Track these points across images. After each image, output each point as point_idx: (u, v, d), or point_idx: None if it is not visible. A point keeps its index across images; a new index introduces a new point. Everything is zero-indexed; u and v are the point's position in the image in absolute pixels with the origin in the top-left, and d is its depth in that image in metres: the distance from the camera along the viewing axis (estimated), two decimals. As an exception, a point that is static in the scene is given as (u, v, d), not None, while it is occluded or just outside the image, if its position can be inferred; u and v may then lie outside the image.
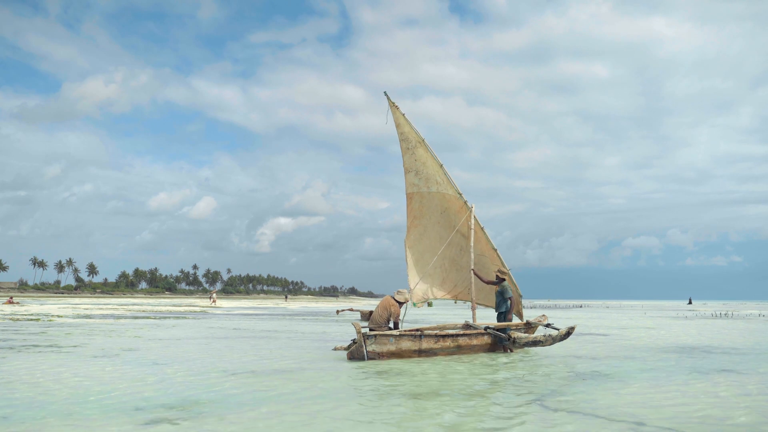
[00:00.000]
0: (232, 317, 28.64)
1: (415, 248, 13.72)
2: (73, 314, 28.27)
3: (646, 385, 7.58)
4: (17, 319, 22.84)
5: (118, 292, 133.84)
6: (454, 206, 13.22)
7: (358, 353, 9.85)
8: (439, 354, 10.40)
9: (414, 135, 12.98)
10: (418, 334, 10.19)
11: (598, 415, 5.75)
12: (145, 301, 75.89)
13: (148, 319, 24.43)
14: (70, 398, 6.34)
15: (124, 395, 6.54)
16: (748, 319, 31.28)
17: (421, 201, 13.48)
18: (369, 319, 11.35)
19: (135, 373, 8.29)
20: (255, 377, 8.01)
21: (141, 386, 7.14)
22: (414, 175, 13.33)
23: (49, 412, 5.67)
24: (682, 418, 5.65)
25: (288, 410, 5.83)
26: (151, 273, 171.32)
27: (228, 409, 5.87)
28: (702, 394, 7.02)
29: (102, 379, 7.71)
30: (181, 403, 6.13)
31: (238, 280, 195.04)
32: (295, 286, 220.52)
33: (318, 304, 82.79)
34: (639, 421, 5.51)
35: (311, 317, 30.26)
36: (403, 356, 10.01)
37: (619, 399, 6.61)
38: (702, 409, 6.11)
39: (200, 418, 5.43)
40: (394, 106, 12.95)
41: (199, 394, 6.63)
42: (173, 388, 7.01)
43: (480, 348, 11.07)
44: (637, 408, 6.10)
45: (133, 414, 5.59)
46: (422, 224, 13.65)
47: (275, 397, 6.55)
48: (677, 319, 29.81)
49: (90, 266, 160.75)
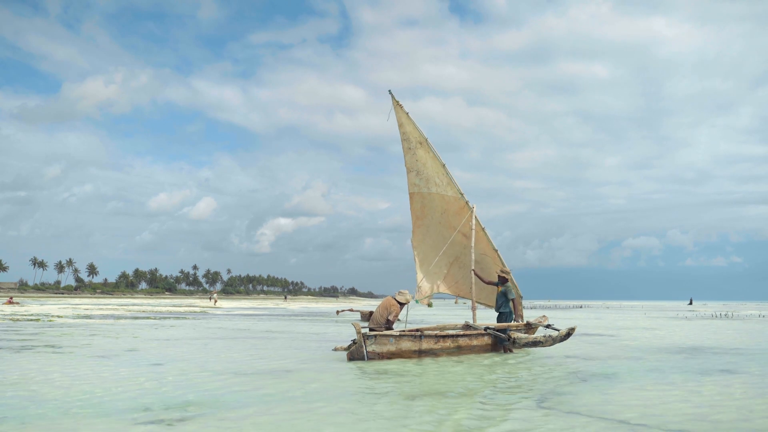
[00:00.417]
0: (232, 318, 28.63)
1: (420, 248, 13.76)
2: (73, 315, 28.26)
3: (646, 386, 7.57)
4: (17, 319, 22.84)
5: (118, 293, 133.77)
6: (454, 207, 13.21)
7: (358, 353, 9.84)
8: (439, 354, 10.39)
9: (416, 135, 12.96)
10: (418, 334, 10.18)
11: (597, 415, 5.74)
12: (145, 301, 75.88)
13: (148, 320, 24.42)
14: (69, 398, 6.33)
15: (124, 395, 6.54)
16: (747, 319, 31.27)
17: (423, 201, 13.50)
18: (369, 320, 11.35)
19: (134, 373, 8.28)
20: (254, 378, 8.00)
21: (140, 387, 7.13)
22: (415, 175, 13.34)
23: (48, 412, 5.67)
24: (681, 419, 5.63)
25: (287, 411, 5.82)
26: (151, 273, 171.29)
27: (227, 409, 5.87)
28: (701, 394, 7.01)
29: (101, 379, 7.70)
30: (180, 403, 6.12)
31: (238, 280, 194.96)
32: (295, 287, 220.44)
33: (318, 304, 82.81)
34: (638, 421, 5.50)
35: (311, 318, 30.25)
36: (403, 357, 10.00)
37: (618, 399, 6.60)
38: (701, 409, 6.10)
39: (199, 419, 5.43)
40: (399, 105, 12.94)
41: (198, 395, 6.63)
42: (172, 389, 7.01)
43: (480, 348, 11.06)
44: (636, 409, 6.09)
45: (133, 414, 5.58)
46: (425, 224, 13.68)
47: (274, 397, 6.54)
48: (677, 320, 29.80)
49: (90, 267, 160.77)
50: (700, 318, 32.94)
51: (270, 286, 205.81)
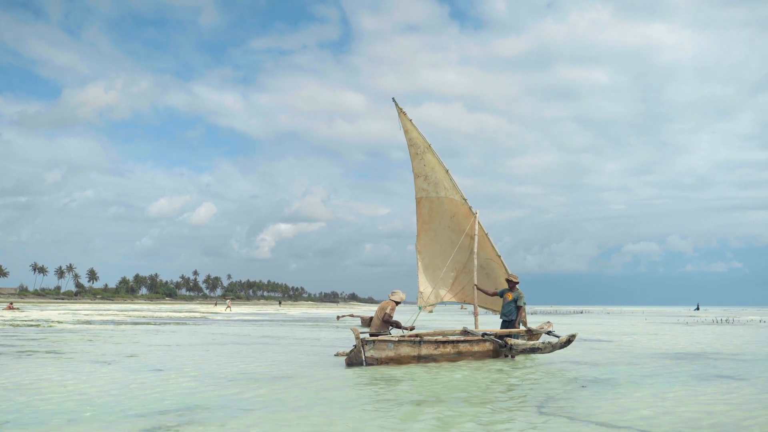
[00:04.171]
0: (232, 323, 28.60)
1: (425, 252, 13.77)
2: (74, 320, 28.24)
3: (646, 392, 7.56)
4: (17, 324, 22.82)
5: (118, 298, 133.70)
6: (462, 211, 13.30)
7: (356, 359, 9.81)
8: (438, 360, 10.36)
9: (422, 141, 13.06)
10: (417, 340, 10.16)
11: (597, 421, 5.74)
12: (145, 307, 75.77)
13: (148, 325, 24.40)
14: (69, 404, 6.33)
15: (123, 401, 6.54)
16: (748, 325, 31.22)
17: (431, 206, 13.54)
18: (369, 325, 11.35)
19: (134, 379, 8.28)
20: (253, 383, 8.00)
21: (140, 392, 7.13)
22: (423, 179, 13.40)
23: (48, 418, 5.67)
24: (682, 425, 5.63)
25: (285, 416, 5.82)
26: (151, 279, 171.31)
27: (226, 415, 5.87)
28: (702, 400, 7.00)
29: (101, 385, 7.69)
30: (180, 409, 6.13)
31: (239, 286, 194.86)
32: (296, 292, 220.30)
33: (318, 310, 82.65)
34: (638, 428, 5.50)
35: (311, 323, 30.22)
36: (402, 362, 9.97)
37: (618, 406, 6.59)
38: (701, 415, 6.10)
39: (199, 425, 5.43)
40: (402, 112, 13.04)
41: (197, 401, 6.63)
42: (172, 395, 7.00)
43: (481, 354, 11.02)
44: (636, 415, 6.08)
45: (132, 420, 5.59)
46: (432, 228, 13.71)
47: (273, 403, 6.54)
48: (677, 326, 29.75)
49: (90, 272, 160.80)
50: (700, 324, 32.88)
51: (270, 292, 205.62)
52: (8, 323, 23.76)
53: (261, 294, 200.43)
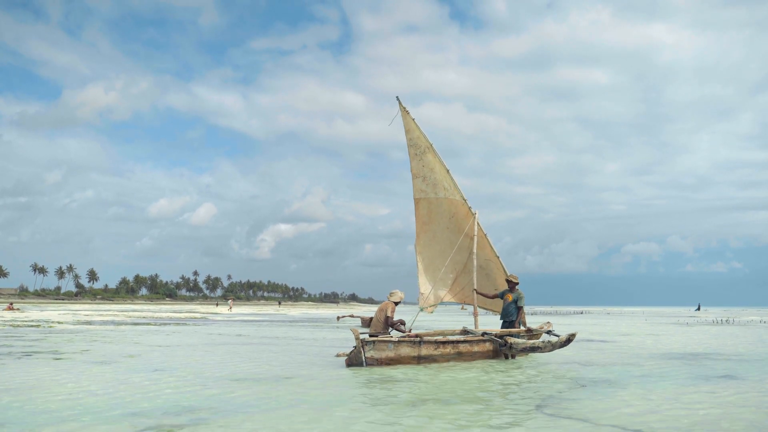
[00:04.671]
0: (232, 324, 28.60)
1: (425, 253, 13.76)
2: (74, 321, 28.25)
3: (646, 392, 7.57)
4: (18, 325, 22.83)
5: (118, 299, 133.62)
6: (462, 211, 13.30)
7: (356, 359, 9.81)
8: (438, 360, 10.37)
9: (423, 140, 13.07)
10: (417, 340, 10.16)
11: (597, 421, 5.75)
12: (145, 307, 75.75)
13: (149, 326, 24.41)
14: (69, 405, 6.35)
15: (123, 402, 6.55)
16: (748, 325, 31.22)
17: (429, 206, 13.53)
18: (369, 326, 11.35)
19: (134, 379, 8.29)
20: (253, 384, 8.01)
21: (140, 393, 7.15)
22: (421, 180, 13.39)
23: (48, 418, 5.68)
24: (681, 425, 5.64)
25: (285, 417, 5.83)
26: (151, 279, 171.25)
27: (227, 415, 5.88)
28: (701, 400, 7.01)
29: (101, 385, 7.71)
30: (180, 409, 6.14)
31: (239, 286, 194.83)
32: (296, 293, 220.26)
33: (318, 310, 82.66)
34: (637, 427, 5.51)
35: (311, 324, 30.23)
36: (402, 362, 9.98)
37: (618, 405, 6.60)
38: (701, 415, 6.11)
39: (200, 425, 5.44)
40: (405, 111, 13.05)
41: (197, 401, 6.64)
42: (172, 395, 7.02)
43: (481, 354, 11.02)
44: (636, 415, 6.10)
45: (132, 420, 5.60)
46: (431, 229, 13.69)
47: (273, 403, 6.55)
48: (677, 326, 29.76)
49: (90, 272, 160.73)
50: (700, 324, 32.88)
51: (270, 292, 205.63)
52: (8, 324, 23.77)
53: (261, 294, 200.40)
